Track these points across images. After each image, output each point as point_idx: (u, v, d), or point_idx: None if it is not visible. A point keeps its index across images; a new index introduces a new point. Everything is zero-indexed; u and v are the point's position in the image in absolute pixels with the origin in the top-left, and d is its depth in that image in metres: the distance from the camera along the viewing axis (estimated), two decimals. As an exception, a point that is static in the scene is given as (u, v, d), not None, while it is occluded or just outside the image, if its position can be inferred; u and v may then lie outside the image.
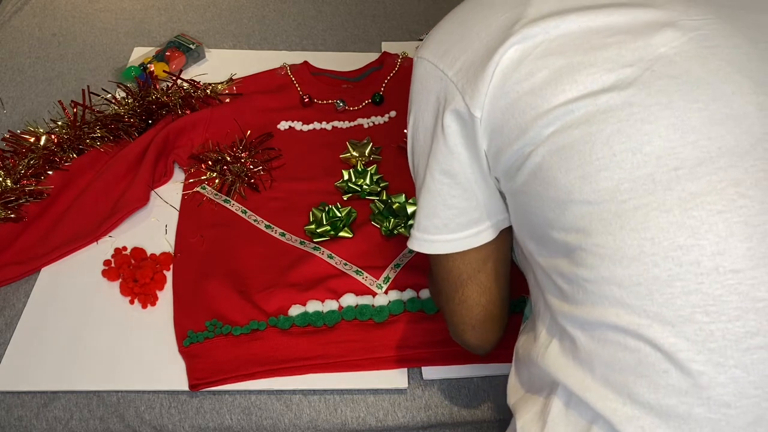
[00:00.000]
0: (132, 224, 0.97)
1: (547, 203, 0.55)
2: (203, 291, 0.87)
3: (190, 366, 0.81)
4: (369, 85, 1.19)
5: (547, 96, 0.53)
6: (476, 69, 0.55)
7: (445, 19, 0.62)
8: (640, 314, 0.49)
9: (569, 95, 0.52)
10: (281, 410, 0.79)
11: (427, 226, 0.63)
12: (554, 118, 0.52)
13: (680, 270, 0.48)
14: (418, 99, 0.62)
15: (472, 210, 0.62)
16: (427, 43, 0.62)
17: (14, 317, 0.86)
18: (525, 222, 0.60)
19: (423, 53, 0.61)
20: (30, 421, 0.78)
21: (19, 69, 1.23)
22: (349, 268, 0.91)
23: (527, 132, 0.54)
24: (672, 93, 0.51)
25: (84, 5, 1.40)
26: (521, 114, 0.54)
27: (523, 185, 0.56)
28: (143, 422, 0.78)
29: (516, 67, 0.54)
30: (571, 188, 0.52)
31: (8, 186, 0.96)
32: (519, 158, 0.55)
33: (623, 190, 0.50)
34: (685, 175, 0.49)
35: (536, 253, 0.59)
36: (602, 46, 0.53)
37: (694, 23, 0.54)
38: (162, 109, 1.10)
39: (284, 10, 1.41)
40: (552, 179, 0.53)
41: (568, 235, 0.53)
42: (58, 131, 1.05)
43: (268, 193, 1.02)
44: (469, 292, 0.66)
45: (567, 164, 0.52)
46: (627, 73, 0.52)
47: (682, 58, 0.52)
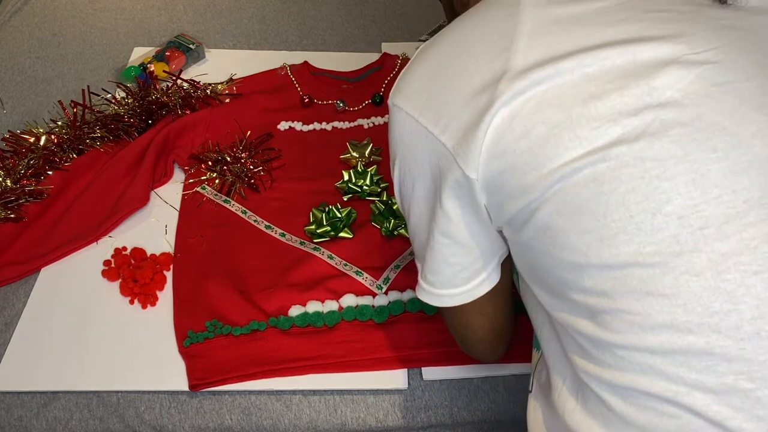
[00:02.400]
0: (132, 224, 0.97)
1: (561, 264, 0.52)
2: (203, 291, 0.87)
3: (190, 366, 0.81)
4: (369, 86, 1.19)
5: (549, 155, 0.49)
6: (466, 131, 0.51)
7: (420, 63, 0.57)
8: (677, 382, 0.46)
9: (573, 153, 0.48)
10: (281, 411, 0.79)
11: (432, 281, 0.63)
12: (559, 177, 0.49)
13: (719, 336, 0.45)
14: (403, 153, 0.58)
15: (474, 262, 0.61)
16: (402, 89, 0.57)
17: (14, 317, 0.86)
18: (536, 273, 0.57)
19: (399, 101, 0.56)
20: (30, 421, 0.78)
21: (19, 69, 1.23)
22: (349, 269, 0.91)
23: (530, 192, 0.51)
24: (686, 144, 0.47)
25: (84, 5, 1.40)
26: (522, 175, 0.50)
27: (531, 240, 0.53)
28: (143, 422, 0.78)
29: (509, 125, 0.50)
30: (587, 252, 0.49)
31: (8, 186, 0.96)
32: (524, 214, 0.52)
33: (646, 253, 0.47)
34: (713, 234, 0.46)
35: (551, 307, 0.56)
36: (601, 93, 0.49)
37: (699, 56, 0.49)
38: (162, 109, 1.10)
39: (284, 10, 1.41)
40: (565, 241, 0.50)
41: (589, 298, 0.50)
42: (58, 131, 1.05)
43: (268, 194, 1.02)
44: (474, 320, 0.66)
45: (580, 226, 0.49)
46: (634, 124, 0.48)
47: (692, 100, 0.48)
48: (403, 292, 0.88)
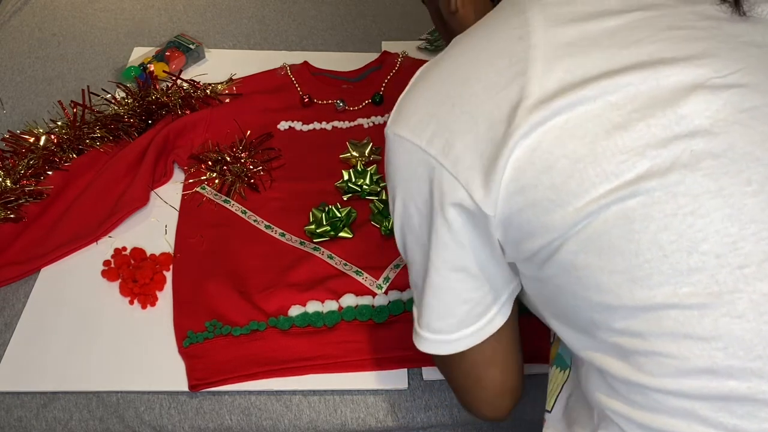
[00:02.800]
0: (132, 224, 0.97)
1: (589, 304, 0.49)
2: (203, 291, 0.87)
3: (190, 366, 0.81)
4: (369, 85, 1.19)
5: (574, 191, 0.46)
6: (483, 165, 0.48)
7: (422, 88, 0.54)
8: (717, 427, 0.44)
9: (600, 189, 0.46)
10: (281, 411, 0.79)
11: (441, 327, 0.57)
12: (586, 215, 0.46)
13: (761, 381, 0.43)
14: (405, 186, 0.54)
15: (486, 295, 0.56)
16: (404, 117, 0.53)
17: (14, 317, 0.86)
18: (558, 310, 0.55)
19: (401, 130, 0.53)
20: (29, 421, 0.78)
21: (19, 69, 1.23)
22: (349, 269, 0.91)
23: (554, 230, 0.48)
24: (720, 177, 0.45)
25: (84, 5, 1.40)
26: (544, 212, 0.48)
27: (553, 278, 0.51)
28: (143, 423, 0.78)
29: (529, 159, 0.47)
30: (619, 293, 0.47)
31: (8, 186, 0.96)
32: (545, 251, 0.50)
33: (683, 294, 0.45)
34: (753, 273, 0.43)
35: (575, 344, 0.54)
36: (626, 123, 0.46)
37: (724, 80, 0.47)
38: (162, 109, 1.10)
39: (284, 10, 1.41)
40: (593, 281, 0.48)
41: (621, 338, 0.48)
42: (57, 131, 1.05)
43: (268, 193, 1.01)
44: (485, 372, 0.61)
45: (610, 265, 0.46)
46: (663, 156, 0.45)
47: (722, 128, 0.45)
48: (402, 291, 0.88)
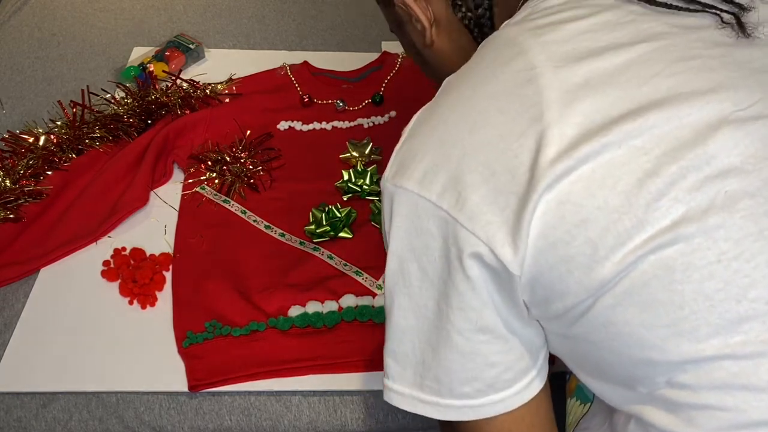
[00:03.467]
0: (131, 225, 0.97)
1: (630, 360, 0.47)
2: (202, 292, 0.87)
3: (190, 367, 0.81)
4: (369, 85, 1.19)
5: (610, 244, 0.44)
6: (505, 220, 0.45)
7: (424, 136, 0.50)
8: None
9: (636, 240, 0.43)
10: (281, 411, 0.79)
11: (467, 392, 0.52)
12: (624, 268, 0.44)
13: None
14: (409, 243, 0.50)
15: (518, 361, 0.52)
16: (406, 167, 0.49)
17: (13, 318, 0.86)
18: (591, 366, 0.52)
19: (405, 183, 0.49)
20: (29, 422, 0.78)
21: (18, 69, 1.23)
22: (349, 269, 0.91)
23: (587, 286, 0.45)
24: (759, 217, 0.43)
25: (84, 5, 1.40)
26: (578, 267, 0.45)
27: (586, 334, 0.48)
28: (142, 423, 0.78)
29: (559, 213, 0.44)
30: (664, 347, 0.44)
31: (7, 186, 0.95)
32: (578, 309, 0.47)
33: (735, 344, 0.43)
34: None
35: (612, 397, 0.52)
36: (656, 169, 0.44)
37: (747, 112, 0.45)
38: (161, 109, 1.10)
39: (284, 10, 1.41)
40: (634, 336, 0.45)
41: (667, 390, 0.46)
42: (57, 131, 1.05)
43: (268, 194, 1.01)
44: None
45: (651, 319, 0.44)
46: (698, 200, 0.43)
47: (753, 165, 0.44)
48: (403, 292, 0.88)
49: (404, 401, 0.55)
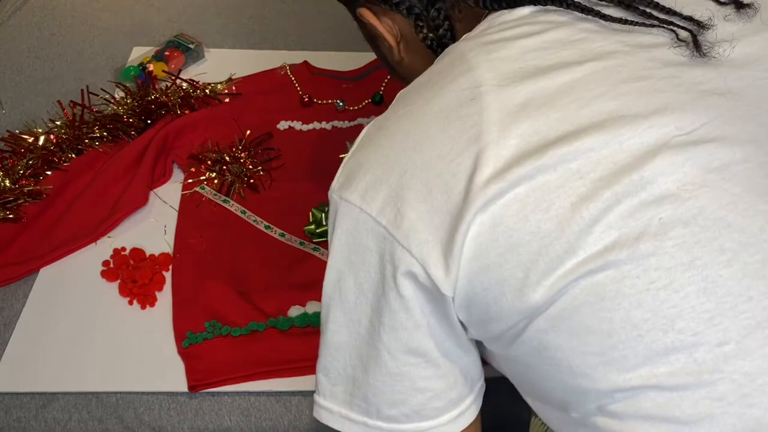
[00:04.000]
0: (131, 225, 0.97)
1: (561, 384, 0.47)
2: (202, 292, 0.87)
3: (189, 367, 0.81)
4: (369, 85, 1.19)
5: (542, 269, 0.43)
6: (439, 240, 0.45)
7: (370, 151, 0.50)
8: None
9: (567, 265, 0.43)
10: (281, 411, 0.79)
11: (394, 415, 0.51)
12: (555, 293, 0.44)
13: None
14: (347, 256, 0.49)
15: (450, 390, 0.52)
16: (351, 181, 0.49)
17: (13, 318, 0.86)
18: (530, 388, 0.52)
19: (348, 195, 0.48)
20: (29, 422, 0.78)
21: (18, 69, 1.23)
22: (349, 269, 0.91)
23: (520, 309, 0.45)
24: (691, 247, 0.42)
25: (83, 5, 1.40)
26: (510, 291, 0.45)
27: (522, 356, 0.48)
28: (142, 423, 0.78)
29: (491, 235, 0.44)
30: (593, 375, 0.44)
31: (7, 186, 0.95)
32: (513, 331, 0.47)
33: (661, 375, 0.42)
34: (733, 351, 0.41)
35: (551, 419, 0.52)
36: (591, 193, 0.43)
37: (689, 137, 0.44)
38: (161, 109, 1.09)
39: (284, 10, 1.41)
40: (565, 362, 0.45)
41: (599, 419, 0.45)
42: (56, 131, 1.04)
43: (268, 194, 1.01)
44: None
45: (581, 346, 0.44)
46: (630, 226, 0.42)
47: (690, 193, 0.43)
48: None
49: (333, 419, 0.55)
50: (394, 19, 0.64)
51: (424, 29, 0.62)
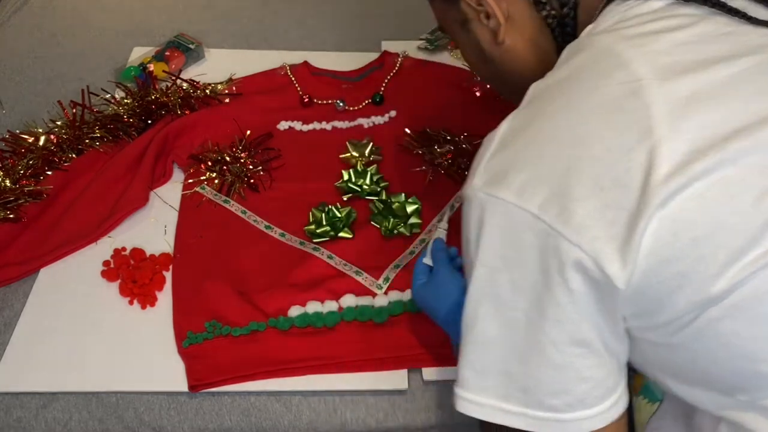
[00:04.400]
0: (131, 225, 0.97)
1: (732, 369, 0.48)
2: (202, 292, 0.87)
3: (190, 367, 0.81)
4: (369, 85, 1.19)
5: (723, 261, 0.44)
6: (614, 235, 0.45)
7: (518, 145, 0.50)
8: None
9: (750, 256, 0.44)
10: (281, 411, 0.79)
11: (556, 405, 0.52)
12: (735, 284, 0.44)
13: None
14: (499, 253, 0.50)
15: (608, 377, 0.52)
16: (503, 177, 0.49)
17: (13, 318, 0.86)
18: (684, 372, 0.52)
19: (500, 193, 0.49)
20: (29, 422, 0.78)
21: (18, 69, 1.23)
22: (349, 269, 0.91)
23: (696, 300, 0.46)
24: None
25: (83, 5, 1.40)
26: (689, 283, 0.46)
27: (687, 343, 0.49)
28: (142, 423, 0.78)
29: (671, 229, 0.45)
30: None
31: (7, 186, 0.96)
32: (682, 321, 0.47)
33: None
34: None
35: (706, 403, 0.52)
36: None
37: None
38: (161, 109, 1.10)
39: (284, 10, 1.41)
40: (741, 348, 0.46)
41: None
42: (57, 131, 1.05)
43: (268, 194, 1.01)
44: None
45: (762, 333, 0.45)
46: None
47: None
48: (403, 292, 0.88)
49: (483, 411, 0.55)
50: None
51: (547, 6, 0.61)
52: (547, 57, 0.64)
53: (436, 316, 0.75)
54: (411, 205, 0.97)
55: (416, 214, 0.97)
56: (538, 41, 0.64)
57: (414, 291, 0.79)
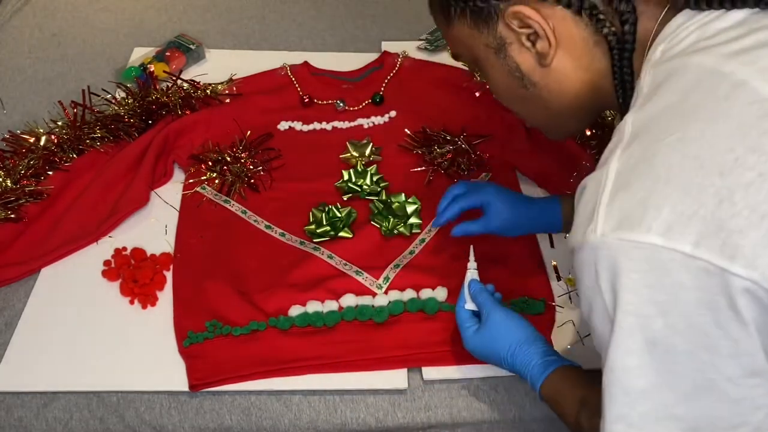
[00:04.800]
0: (132, 224, 0.97)
1: None
2: (203, 291, 0.87)
3: (190, 366, 0.81)
4: (369, 85, 1.19)
5: None
6: None
7: (650, 182, 0.47)
8: None
9: None
10: (281, 411, 0.79)
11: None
12: None
13: None
14: (656, 299, 0.47)
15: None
16: (636, 219, 0.47)
17: (14, 317, 0.86)
18: None
19: (640, 237, 0.47)
20: (30, 421, 0.78)
21: (19, 69, 1.23)
22: (349, 269, 0.91)
23: None
24: None
25: (84, 5, 1.40)
26: None
27: None
28: (143, 422, 0.78)
29: None
30: None
31: (8, 186, 0.96)
32: None
33: None
34: None
35: None
36: None
37: None
38: (162, 110, 1.10)
39: (284, 10, 1.41)
40: None
41: None
42: (58, 131, 1.05)
43: (268, 194, 1.02)
44: None
45: None
46: None
47: None
48: (403, 291, 0.88)
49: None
50: (546, 16, 0.58)
51: (607, 23, 0.57)
52: (600, 76, 0.60)
53: (502, 359, 0.73)
54: (411, 205, 0.97)
55: (416, 214, 0.97)
56: (590, 61, 0.60)
57: (467, 340, 0.76)
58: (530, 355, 0.71)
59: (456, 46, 0.67)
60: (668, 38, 0.54)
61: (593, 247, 0.49)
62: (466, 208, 0.86)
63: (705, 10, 0.53)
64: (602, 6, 0.58)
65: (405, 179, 1.03)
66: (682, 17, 0.54)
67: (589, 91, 0.62)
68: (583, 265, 0.51)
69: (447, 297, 0.87)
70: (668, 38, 0.54)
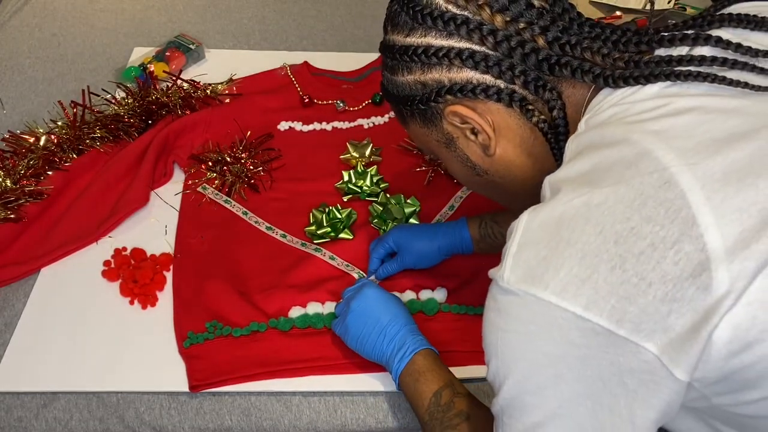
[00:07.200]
0: (132, 225, 0.97)
1: None
2: (203, 292, 0.87)
3: (190, 367, 0.81)
4: (369, 85, 1.19)
5: None
6: (669, 328, 0.45)
7: (553, 242, 0.49)
8: None
9: None
10: (281, 411, 0.79)
11: None
12: None
13: None
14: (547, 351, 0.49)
15: None
16: (538, 275, 0.48)
17: (14, 317, 0.86)
18: None
19: (538, 292, 0.48)
20: (30, 421, 0.78)
21: (18, 69, 1.23)
22: (351, 270, 0.91)
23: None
24: None
25: (84, 5, 1.40)
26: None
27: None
28: (143, 423, 0.78)
29: (747, 315, 0.44)
30: None
31: (8, 186, 0.96)
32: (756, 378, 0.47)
33: None
34: None
35: None
36: None
37: None
38: (162, 110, 1.10)
39: (284, 10, 1.41)
40: None
41: None
42: (57, 131, 1.05)
43: (269, 194, 1.01)
44: None
45: None
46: None
47: None
48: (402, 293, 0.88)
49: None
50: (482, 112, 0.62)
51: (535, 112, 0.60)
52: (542, 158, 0.64)
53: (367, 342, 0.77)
54: (409, 207, 0.97)
55: (414, 215, 0.97)
56: (530, 146, 0.63)
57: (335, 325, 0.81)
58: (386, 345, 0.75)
59: (415, 141, 0.72)
60: (590, 112, 0.57)
61: (502, 290, 0.51)
62: (383, 255, 0.90)
63: (623, 87, 0.55)
64: (530, 96, 0.60)
65: (405, 180, 1.03)
66: (602, 94, 0.57)
67: (537, 172, 0.64)
68: (490, 298, 0.53)
69: (446, 298, 0.87)
70: (590, 112, 0.57)
